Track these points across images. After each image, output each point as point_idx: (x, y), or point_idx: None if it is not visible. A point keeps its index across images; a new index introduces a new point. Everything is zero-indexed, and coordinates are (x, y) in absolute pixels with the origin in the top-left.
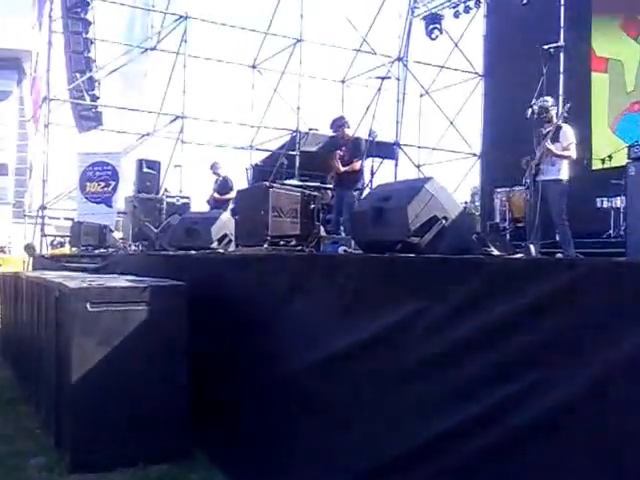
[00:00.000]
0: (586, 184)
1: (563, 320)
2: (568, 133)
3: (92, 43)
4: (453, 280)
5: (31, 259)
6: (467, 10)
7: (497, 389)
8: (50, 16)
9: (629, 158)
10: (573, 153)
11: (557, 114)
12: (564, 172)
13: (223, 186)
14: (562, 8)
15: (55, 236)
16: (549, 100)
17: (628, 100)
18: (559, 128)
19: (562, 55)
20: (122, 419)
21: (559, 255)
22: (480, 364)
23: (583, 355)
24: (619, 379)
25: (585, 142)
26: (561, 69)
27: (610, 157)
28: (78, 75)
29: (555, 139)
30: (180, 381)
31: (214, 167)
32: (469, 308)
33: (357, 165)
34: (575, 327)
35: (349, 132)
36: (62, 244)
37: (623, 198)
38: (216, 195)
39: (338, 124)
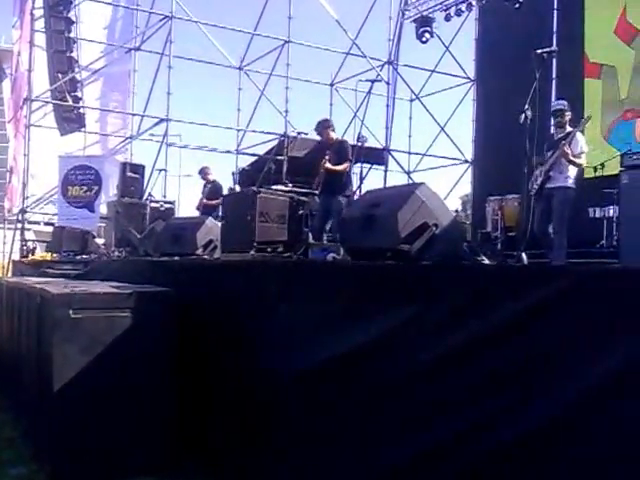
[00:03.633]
0: (579, 193)
1: (552, 329)
2: (581, 142)
3: (75, 43)
4: (444, 288)
5: None
6: (459, 13)
7: (487, 400)
8: (32, 14)
9: (622, 166)
10: (583, 161)
11: (571, 120)
12: (571, 181)
13: (213, 191)
14: (555, 13)
15: (26, 241)
16: (565, 104)
17: (621, 107)
18: (571, 135)
19: (555, 60)
20: (105, 429)
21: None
22: (468, 374)
23: (572, 365)
24: (608, 390)
25: None
26: (554, 74)
27: (603, 165)
28: (60, 75)
29: (568, 144)
30: (166, 389)
31: (203, 172)
32: (459, 316)
33: (347, 167)
34: (564, 336)
35: (334, 135)
36: (33, 250)
37: (616, 207)
38: (205, 201)
39: (323, 126)
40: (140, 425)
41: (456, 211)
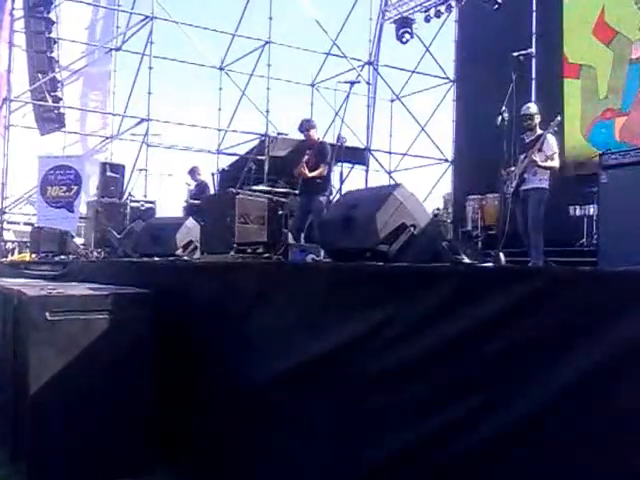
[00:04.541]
0: (559, 192)
1: (524, 332)
2: (552, 143)
3: (55, 43)
4: (420, 288)
5: None
6: (438, 15)
7: (459, 401)
8: (11, 14)
9: (601, 166)
10: (556, 163)
11: (540, 122)
12: (545, 181)
13: (200, 191)
14: (534, 14)
15: (5, 242)
16: (532, 107)
17: (601, 107)
18: (542, 137)
19: (534, 61)
20: (82, 433)
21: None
22: (445, 375)
23: (546, 368)
24: (579, 395)
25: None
26: (533, 75)
27: (582, 164)
28: (40, 75)
29: (539, 149)
30: (144, 393)
31: (193, 172)
32: (433, 318)
33: (324, 171)
34: (536, 339)
35: (315, 136)
36: (12, 251)
37: (596, 206)
38: (191, 200)
39: (306, 126)
40: (119, 427)
41: (437, 209)
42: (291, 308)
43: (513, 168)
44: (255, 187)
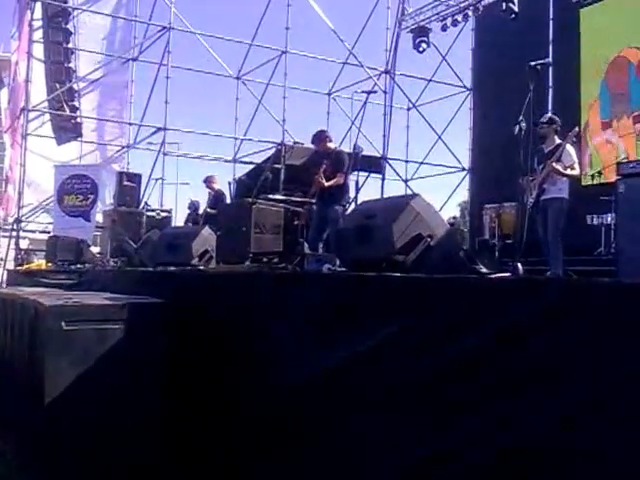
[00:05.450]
0: (576, 201)
1: (539, 344)
2: (571, 153)
3: (73, 53)
4: (435, 301)
5: None
6: (455, 24)
7: (480, 412)
8: (30, 25)
9: (618, 175)
10: (577, 172)
11: (556, 131)
12: (564, 191)
13: (217, 201)
14: (551, 23)
15: (21, 250)
16: (545, 118)
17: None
18: (560, 147)
19: (551, 69)
20: (96, 442)
21: (548, 274)
22: (464, 387)
23: (561, 379)
24: (591, 407)
25: None
26: (550, 83)
27: (600, 173)
28: (58, 85)
29: (557, 159)
30: (158, 402)
31: (208, 181)
32: (449, 330)
33: (341, 180)
34: (551, 351)
35: (331, 145)
36: (27, 259)
37: (613, 215)
38: (208, 210)
39: (320, 138)
40: (133, 436)
41: (454, 218)
42: (306, 319)
43: (532, 178)
44: (271, 196)
